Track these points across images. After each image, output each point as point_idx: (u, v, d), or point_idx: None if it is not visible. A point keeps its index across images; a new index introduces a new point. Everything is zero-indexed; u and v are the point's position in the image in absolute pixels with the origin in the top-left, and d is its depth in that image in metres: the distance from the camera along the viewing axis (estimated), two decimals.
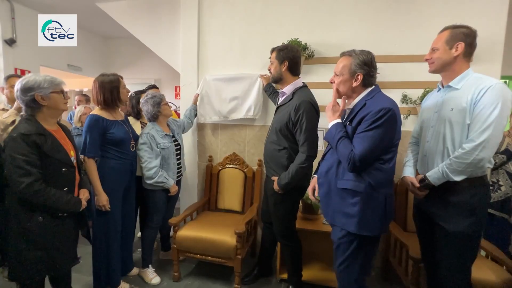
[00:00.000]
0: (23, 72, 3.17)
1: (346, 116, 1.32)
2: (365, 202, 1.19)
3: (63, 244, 1.34)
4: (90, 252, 1.77)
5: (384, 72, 2.05)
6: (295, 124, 1.55)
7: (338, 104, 1.32)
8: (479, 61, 1.92)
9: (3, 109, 2.01)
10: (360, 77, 1.22)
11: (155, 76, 4.46)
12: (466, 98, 1.16)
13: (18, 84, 1.24)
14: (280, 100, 1.72)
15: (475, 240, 1.22)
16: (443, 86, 1.30)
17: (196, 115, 2.38)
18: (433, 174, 1.23)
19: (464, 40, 1.20)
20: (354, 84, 1.24)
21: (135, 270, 2.07)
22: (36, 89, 1.23)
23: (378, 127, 1.13)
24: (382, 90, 2.13)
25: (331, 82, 1.32)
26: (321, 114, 2.18)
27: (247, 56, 2.32)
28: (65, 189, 1.32)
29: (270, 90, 2.17)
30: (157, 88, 2.78)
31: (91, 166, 1.64)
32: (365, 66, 1.21)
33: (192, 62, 2.46)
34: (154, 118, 1.95)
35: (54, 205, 1.25)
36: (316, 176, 1.42)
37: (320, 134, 2.20)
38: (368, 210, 1.19)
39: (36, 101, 1.25)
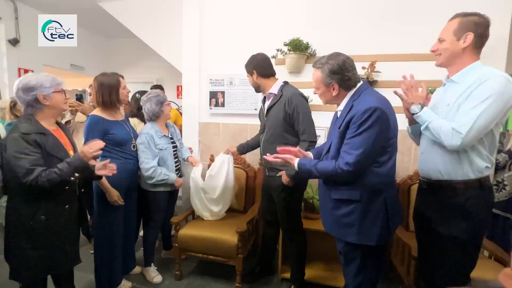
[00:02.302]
0: (26, 72, 3.20)
1: (336, 120, 1.26)
2: (362, 210, 1.13)
3: (65, 242, 1.34)
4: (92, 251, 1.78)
5: (386, 71, 2.04)
6: (291, 115, 1.64)
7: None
8: (482, 60, 1.91)
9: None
10: (335, 86, 1.17)
11: (157, 76, 4.48)
12: (462, 94, 1.06)
13: (18, 84, 1.23)
14: (268, 102, 1.77)
15: (472, 247, 1.13)
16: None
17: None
18: (426, 114, 1.12)
19: (474, 30, 1.08)
20: (334, 94, 1.19)
21: (137, 269, 2.08)
22: (38, 88, 1.23)
23: (366, 130, 1.06)
24: (384, 89, 2.10)
25: (315, 93, 1.27)
26: (323, 113, 2.20)
27: (249, 55, 2.32)
28: (67, 187, 1.32)
29: (244, 148, 2.02)
30: (162, 88, 2.78)
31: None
32: (335, 74, 1.15)
33: (194, 61, 2.46)
34: (155, 117, 1.94)
35: (64, 178, 1.22)
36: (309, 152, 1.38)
37: (322, 133, 2.21)
38: (366, 218, 1.12)
39: (38, 101, 1.24)
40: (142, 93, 2.24)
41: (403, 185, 2.04)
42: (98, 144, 1.32)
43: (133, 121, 2.21)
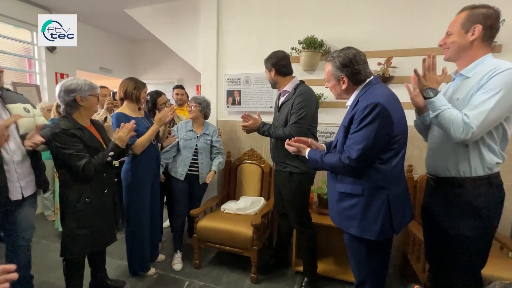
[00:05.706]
0: (62, 76, 3.50)
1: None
2: (363, 204, 1.14)
3: (104, 223, 1.57)
4: (121, 239, 1.95)
5: (403, 66, 2.01)
6: (292, 108, 1.69)
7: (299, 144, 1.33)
8: (505, 52, 1.81)
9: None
10: (345, 79, 1.19)
11: (178, 76, 4.67)
12: (473, 87, 1.04)
13: (61, 86, 1.44)
14: (283, 98, 1.82)
15: (481, 245, 1.10)
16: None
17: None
18: (440, 101, 1.07)
19: (482, 22, 1.05)
20: (343, 87, 1.21)
21: (161, 257, 2.24)
22: (78, 91, 1.44)
23: (367, 125, 1.07)
24: (401, 85, 2.06)
25: (326, 87, 1.30)
26: (337, 110, 2.20)
27: (264, 54, 2.35)
28: (104, 175, 1.53)
29: (266, 129, 1.80)
30: (183, 88, 2.89)
31: (140, 143, 1.78)
32: (345, 67, 1.16)
33: (212, 61, 2.57)
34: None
35: (105, 161, 1.47)
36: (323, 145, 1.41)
37: (336, 130, 2.21)
38: (368, 212, 1.14)
39: (76, 101, 1.45)
40: (153, 93, 2.31)
41: (420, 182, 2.00)
42: (127, 126, 1.56)
43: None
